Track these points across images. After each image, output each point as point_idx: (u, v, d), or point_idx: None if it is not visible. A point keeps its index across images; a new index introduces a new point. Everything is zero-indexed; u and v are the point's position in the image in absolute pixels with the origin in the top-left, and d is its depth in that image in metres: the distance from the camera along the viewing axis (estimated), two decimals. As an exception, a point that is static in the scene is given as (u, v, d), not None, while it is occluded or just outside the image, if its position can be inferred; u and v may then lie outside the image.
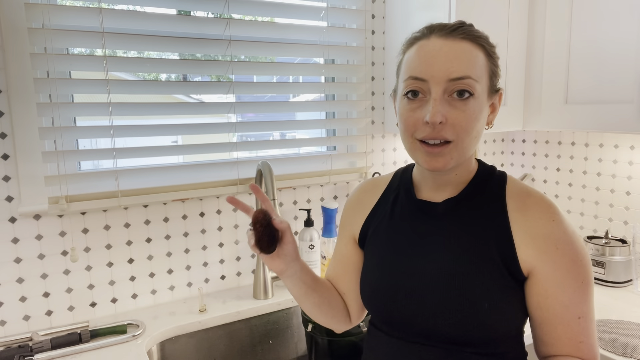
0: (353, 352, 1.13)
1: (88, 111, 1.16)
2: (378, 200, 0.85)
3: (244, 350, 1.31)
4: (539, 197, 0.72)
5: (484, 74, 0.69)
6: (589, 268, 0.69)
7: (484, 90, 0.70)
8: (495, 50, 0.72)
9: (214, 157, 1.44)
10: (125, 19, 1.17)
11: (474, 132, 0.69)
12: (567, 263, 0.67)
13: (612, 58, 1.20)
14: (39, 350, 1.03)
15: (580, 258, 0.68)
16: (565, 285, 0.68)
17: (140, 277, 1.29)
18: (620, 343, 1.05)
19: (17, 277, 1.14)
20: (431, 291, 0.71)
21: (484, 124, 0.72)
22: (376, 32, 1.55)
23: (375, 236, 0.82)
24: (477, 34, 0.70)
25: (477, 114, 0.68)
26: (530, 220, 0.70)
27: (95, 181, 1.19)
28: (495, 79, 0.72)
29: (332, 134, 1.60)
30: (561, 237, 0.68)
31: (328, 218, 1.45)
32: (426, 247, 0.75)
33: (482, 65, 0.68)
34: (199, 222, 1.35)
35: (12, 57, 1.07)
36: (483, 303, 0.68)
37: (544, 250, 0.68)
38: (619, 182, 1.47)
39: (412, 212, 0.79)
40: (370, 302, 0.79)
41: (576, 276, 0.68)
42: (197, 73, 1.31)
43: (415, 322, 0.72)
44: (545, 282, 0.68)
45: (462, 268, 0.70)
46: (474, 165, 0.78)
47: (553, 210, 0.70)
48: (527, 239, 0.69)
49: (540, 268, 0.68)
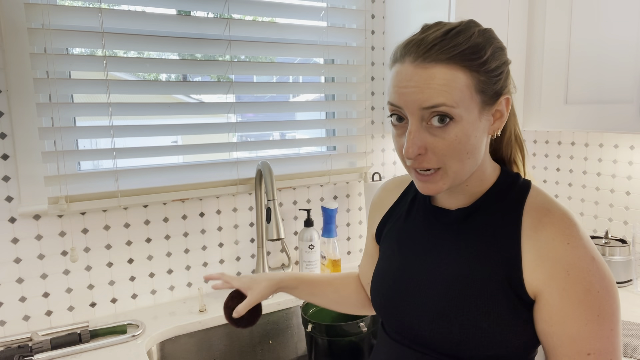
0: (353, 352, 1.13)
1: (88, 111, 1.16)
2: (397, 199, 0.85)
3: (244, 350, 1.31)
4: (558, 215, 0.65)
5: (466, 94, 0.62)
6: (611, 301, 0.61)
7: (473, 108, 0.64)
8: (486, 59, 0.64)
9: (214, 157, 1.44)
10: (125, 19, 1.17)
11: (463, 155, 0.64)
12: (578, 292, 0.60)
13: (612, 58, 1.20)
14: (39, 351, 1.03)
15: (598, 289, 0.60)
16: (574, 316, 0.61)
17: (140, 277, 1.29)
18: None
19: (17, 277, 1.14)
20: (430, 302, 0.70)
21: (481, 139, 0.66)
22: (376, 32, 1.55)
23: (388, 236, 0.83)
24: (456, 50, 0.62)
25: (460, 137, 0.63)
26: (542, 240, 0.63)
27: (95, 181, 1.19)
28: (490, 89, 0.65)
29: (332, 134, 1.60)
30: (575, 263, 0.61)
31: (328, 218, 1.45)
32: (432, 256, 0.73)
33: (462, 86, 0.62)
34: (198, 222, 1.35)
35: (12, 57, 1.07)
36: (482, 322, 0.65)
37: (552, 274, 0.62)
38: (619, 182, 1.47)
39: (425, 217, 0.77)
40: (374, 302, 0.81)
41: (589, 308, 0.60)
42: (197, 73, 1.31)
43: (413, 330, 0.72)
44: (551, 309, 0.62)
45: (463, 283, 0.67)
46: (493, 174, 0.73)
47: (570, 232, 0.63)
48: (536, 260, 0.63)
49: (547, 294, 0.62)
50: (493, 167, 0.73)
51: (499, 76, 0.66)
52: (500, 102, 0.67)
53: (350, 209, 1.60)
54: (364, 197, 1.62)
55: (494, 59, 0.65)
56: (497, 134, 0.70)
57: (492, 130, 0.68)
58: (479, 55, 0.63)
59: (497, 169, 0.74)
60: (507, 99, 0.69)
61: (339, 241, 1.56)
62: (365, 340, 1.13)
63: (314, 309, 1.26)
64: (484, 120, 0.66)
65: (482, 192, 0.72)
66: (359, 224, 1.63)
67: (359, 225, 1.63)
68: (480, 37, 0.64)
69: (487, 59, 0.64)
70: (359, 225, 1.63)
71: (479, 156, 0.67)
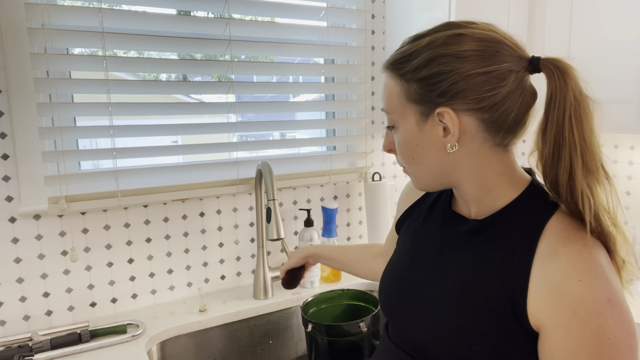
0: (353, 352, 1.13)
1: (88, 111, 1.17)
2: (421, 196, 0.85)
3: (244, 350, 1.31)
4: (578, 246, 0.57)
5: (397, 101, 0.66)
6: (625, 351, 0.53)
7: (410, 116, 0.65)
8: (417, 65, 0.62)
9: (214, 157, 1.44)
10: (125, 19, 1.17)
11: (409, 159, 0.68)
12: (585, 335, 0.53)
13: (612, 58, 1.20)
14: (39, 350, 1.03)
15: (609, 335, 0.53)
16: (577, 359, 0.54)
17: (140, 277, 1.29)
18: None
19: (17, 277, 1.14)
20: (428, 310, 0.68)
21: (430, 150, 0.65)
22: (376, 32, 1.55)
23: (405, 233, 0.83)
24: (393, 58, 0.66)
25: (402, 142, 0.68)
26: (552, 271, 0.57)
27: (95, 181, 1.19)
28: (425, 98, 0.62)
29: (332, 134, 1.60)
30: (585, 303, 0.54)
31: (328, 218, 1.45)
32: (441, 264, 0.70)
33: (393, 93, 0.66)
34: (199, 222, 1.35)
35: (12, 57, 1.07)
36: (475, 345, 0.61)
37: (558, 311, 0.55)
38: (619, 182, 1.47)
39: (443, 221, 0.74)
40: (380, 299, 0.81)
41: (596, 355, 0.53)
42: (197, 73, 1.31)
43: (409, 336, 0.71)
44: (554, 346, 0.56)
45: (462, 300, 0.64)
46: (512, 190, 0.66)
47: (586, 268, 0.55)
48: (542, 292, 0.57)
49: (550, 329, 0.56)
50: (514, 182, 0.66)
51: (435, 85, 0.61)
52: (437, 114, 0.62)
53: (350, 209, 1.60)
54: (364, 197, 1.62)
55: (428, 67, 0.61)
56: (452, 150, 0.63)
57: (448, 143, 0.63)
58: (407, 64, 0.63)
59: (523, 184, 0.67)
60: (450, 113, 0.61)
61: (339, 241, 1.56)
62: (365, 340, 1.13)
63: (314, 309, 1.26)
64: (428, 130, 0.64)
65: (501, 205, 0.66)
66: (359, 224, 1.63)
67: (359, 225, 1.63)
68: (428, 45, 0.62)
69: (417, 66, 0.62)
70: (359, 225, 1.63)
71: (433, 165, 0.66)
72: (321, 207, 1.47)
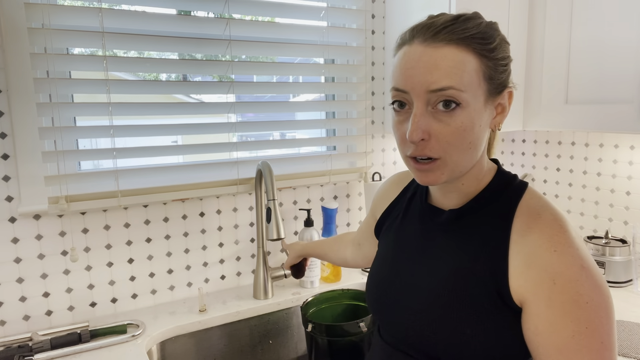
0: (353, 352, 1.13)
1: (88, 111, 1.16)
2: (397, 196, 0.86)
3: (244, 350, 1.31)
4: (548, 220, 0.62)
5: (474, 78, 0.61)
6: (602, 313, 0.57)
7: (480, 95, 0.63)
8: (495, 46, 0.63)
9: (214, 157, 1.44)
10: (125, 19, 1.17)
11: (465, 144, 0.62)
12: (565, 302, 0.57)
13: (612, 58, 1.20)
14: (39, 350, 1.03)
15: (587, 299, 0.57)
16: (560, 327, 0.58)
17: (140, 277, 1.29)
18: (620, 343, 1.05)
19: (17, 277, 1.14)
20: (417, 306, 0.69)
21: (484, 131, 0.65)
22: (376, 32, 1.55)
23: (387, 233, 0.84)
24: (467, 32, 0.61)
25: (466, 125, 0.61)
26: (529, 246, 0.61)
27: (95, 181, 1.19)
28: (497, 78, 0.64)
29: (332, 134, 1.60)
30: (562, 272, 0.58)
31: (328, 218, 1.45)
32: (423, 259, 0.72)
33: (471, 70, 0.61)
34: (199, 222, 1.35)
35: (12, 57, 1.07)
36: (465, 329, 0.63)
37: (538, 283, 0.59)
38: (619, 182, 1.47)
39: (421, 216, 0.76)
40: (368, 302, 0.81)
41: (576, 319, 0.57)
42: (197, 73, 1.31)
43: (402, 333, 0.72)
44: (537, 318, 0.59)
45: (448, 288, 0.66)
46: (489, 173, 0.71)
47: (558, 239, 0.59)
48: (522, 267, 0.61)
49: (533, 302, 0.60)
50: (489, 166, 0.71)
51: (505, 67, 0.66)
52: (503, 95, 0.66)
53: (350, 209, 1.60)
54: (364, 197, 1.62)
55: (501, 49, 0.65)
56: (498, 128, 0.69)
57: (493, 124, 0.67)
58: (489, 42, 0.63)
59: (493, 170, 0.71)
60: (511, 93, 0.68)
61: (339, 241, 1.56)
62: (365, 340, 1.13)
63: (314, 309, 1.26)
64: (488, 111, 0.65)
65: (476, 192, 0.70)
66: (359, 224, 1.63)
67: (359, 225, 1.63)
68: (487, 27, 0.64)
69: (496, 46, 0.64)
70: (359, 225, 1.63)
71: (479, 149, 0.65)
72: (321, 207, 1.47)
